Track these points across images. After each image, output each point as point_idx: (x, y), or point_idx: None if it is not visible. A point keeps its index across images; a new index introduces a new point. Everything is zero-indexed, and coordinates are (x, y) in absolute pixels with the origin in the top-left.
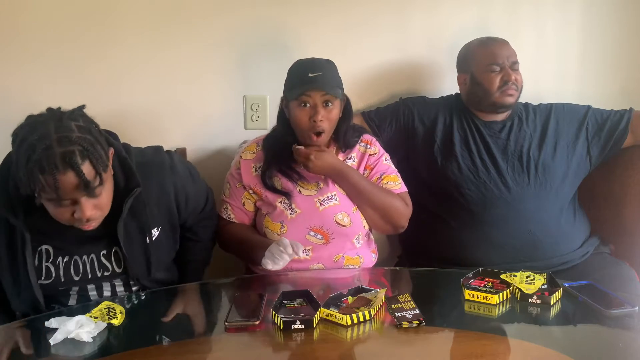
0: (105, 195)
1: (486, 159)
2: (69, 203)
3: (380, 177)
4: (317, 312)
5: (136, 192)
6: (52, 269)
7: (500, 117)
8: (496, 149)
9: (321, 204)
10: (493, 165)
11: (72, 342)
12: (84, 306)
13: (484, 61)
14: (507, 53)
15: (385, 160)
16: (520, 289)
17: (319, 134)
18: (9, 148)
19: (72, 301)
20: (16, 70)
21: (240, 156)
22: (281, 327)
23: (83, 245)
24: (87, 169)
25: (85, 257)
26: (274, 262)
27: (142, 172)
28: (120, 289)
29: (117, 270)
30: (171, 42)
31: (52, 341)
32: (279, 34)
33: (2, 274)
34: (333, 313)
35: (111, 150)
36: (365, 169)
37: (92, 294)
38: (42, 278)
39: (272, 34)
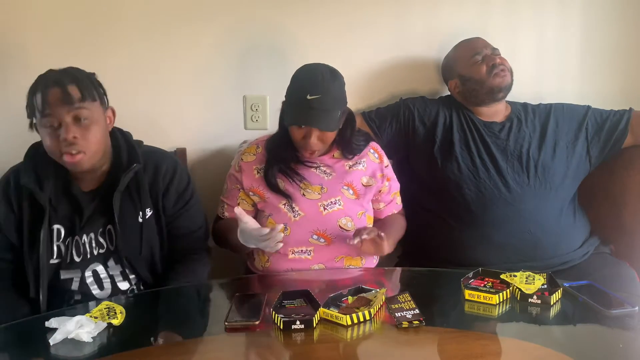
0: (93, 130)
1: (486, 159)
2: (57, 124)
3: (393, 191)
4: (317, 312)
5: (135, 167)
6: (63, 248)
7: (499, 117)
8: (496, 149)
9: (325, 209)
10: (493, 166)
11: (72, 342)
12: (84, 306)
13: (465, 57)
14: (483, 44)
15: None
16: (520, 289)
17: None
18: (10, 148)
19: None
20: (17, 72)
21: (241, 159)
22: (281, 327)
23: (85, 224)
24: (72, 89)
25: (85, 236)
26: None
27: (144, 157)
28: (119, 279)
29: (110, 247)
30: (171, 42)
31: (51, 341)
32: (279, 34)
33: (21, 250)
34: (333, 313)
35: (112, 110)
36: (386, 181)
37: (93, 287)
38: (54, 257)
39: (272, 34)
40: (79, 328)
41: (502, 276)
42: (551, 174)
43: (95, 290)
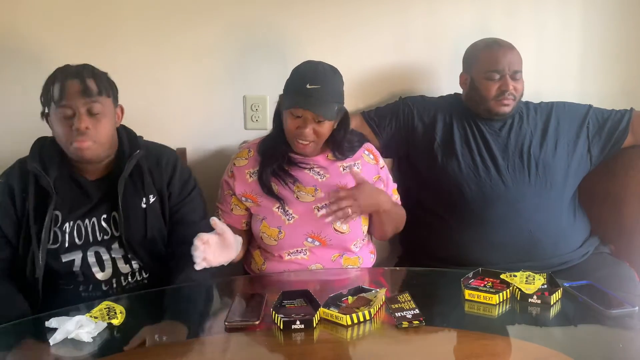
0: (104, 123)
1: (486, 157)
2: (71, 114)
3: (391, 188)
4: (317, 312)
5: (137, 154)
6: (59, 234)
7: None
8: (496, 147)
9: (319, 210)
10: (493, 164)
11: (72, 342)
12: (83, 306)
13: (484, 67)
14: (509, 60)
15: (388, 173)
16: (520, 289)
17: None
18: (10, 149)
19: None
20: (17, 71)
21: (234, 164)
22: (281, 327)
23: (87, 210)
24: (90, 82)
25: (87, 221)
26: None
27: (145, 148)
28: (120, 262)
29: (115, 233)
30: (171, 42)
31: (51, 341)
32: (279, 34)
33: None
34: (333, 313)
35: (121, 107)
36: (381, 183)
37: (95, 269)
38: (50, 242)
39: (272, 34)
40: (79, 328)
41: (502, 276)
42: (552, 173)
43: (97, 273)
